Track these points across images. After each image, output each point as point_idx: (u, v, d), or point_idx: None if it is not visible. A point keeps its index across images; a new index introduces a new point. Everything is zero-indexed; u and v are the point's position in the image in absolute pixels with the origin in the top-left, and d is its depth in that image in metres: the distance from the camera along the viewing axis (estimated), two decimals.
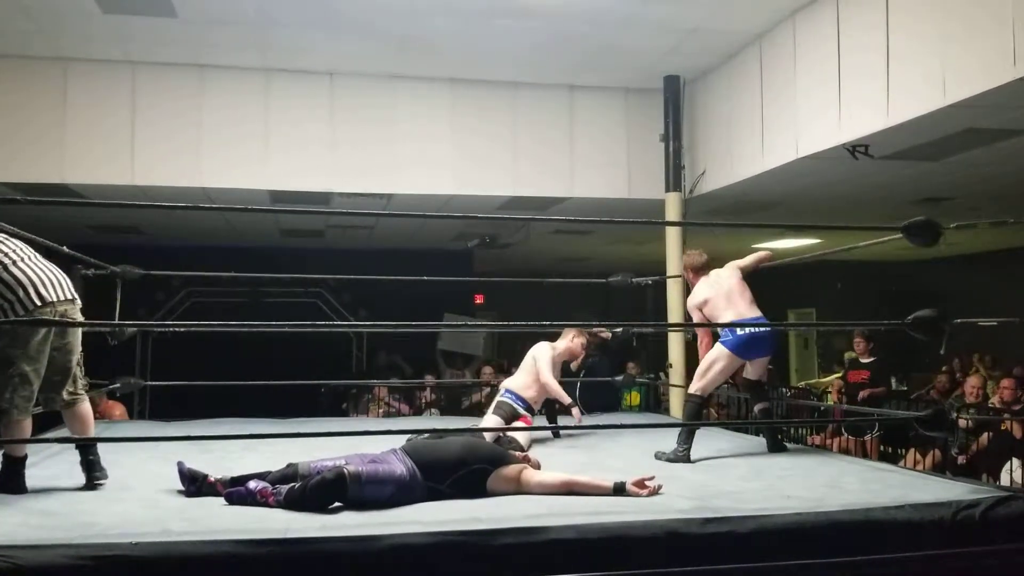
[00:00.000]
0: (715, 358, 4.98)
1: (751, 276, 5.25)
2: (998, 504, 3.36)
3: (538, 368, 5.59)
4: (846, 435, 8.06)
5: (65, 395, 3.78)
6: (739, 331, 4.87)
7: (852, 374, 8.43)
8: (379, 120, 7.71)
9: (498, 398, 5.58)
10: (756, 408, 5.28)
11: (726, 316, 4.95)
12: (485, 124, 7.93)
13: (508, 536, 2.95)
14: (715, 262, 5.36)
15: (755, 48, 6.98)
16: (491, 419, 5.38)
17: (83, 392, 3.86)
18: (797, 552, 3.10)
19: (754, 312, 4.99)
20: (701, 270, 5.26)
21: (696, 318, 5.15)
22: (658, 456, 4.78)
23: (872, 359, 8.31)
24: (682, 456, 4.71)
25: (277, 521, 3.08)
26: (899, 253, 12.88)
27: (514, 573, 2.93)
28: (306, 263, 11.02)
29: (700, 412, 5.14)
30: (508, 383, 5.67)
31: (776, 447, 5.08)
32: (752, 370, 5.20)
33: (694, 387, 5.04)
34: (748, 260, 5.27)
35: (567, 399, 5.51)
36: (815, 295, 15.01)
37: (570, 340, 5.86)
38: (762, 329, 4.93)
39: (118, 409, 7.31)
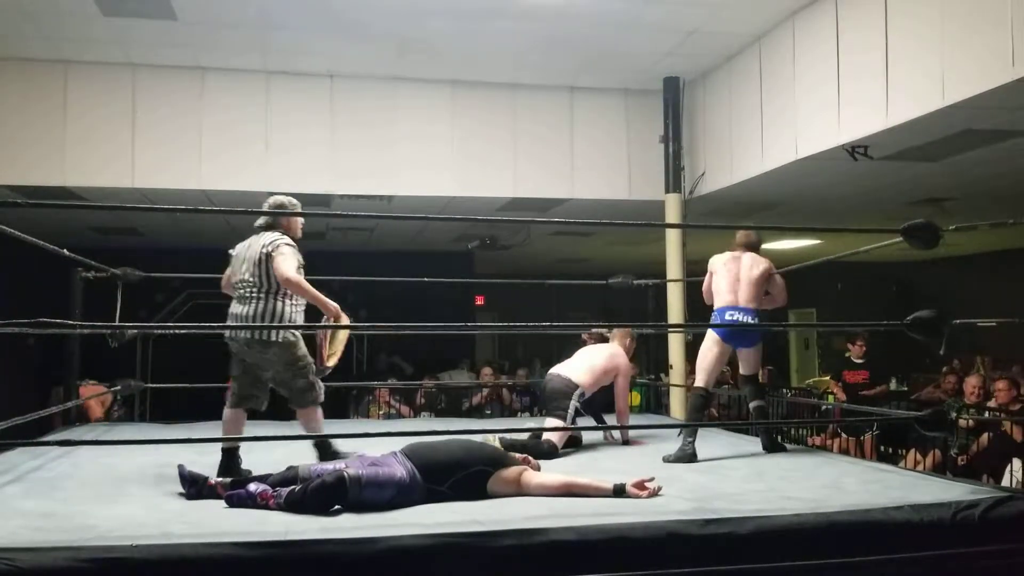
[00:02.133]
0: (708, 347, 5.09)
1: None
2: (997, 505, 3.36)
3: (618, 390, 5.49)
4: (844, 435, 8.08)
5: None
6: (726, 317, 4.97)
7: (850, 374, 8.41)
8: (379, 122, 7.72)
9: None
10: (751, 405, 5.28)
11: (719, 300, 5.08)
12: (485, 126, 7.94)
13: (508, 538, 2.95)
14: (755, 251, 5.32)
15: (754, 49, 6.98)
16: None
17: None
18: (797, 553, 3.10)
19: (750, 304, 5.00)
20: (739, 246, 5.26)
21: (705, 281, 5.26)
22: (666, 459, 4.72)
23: (863, 360, 8.34)
24: (688, 452, 4.70)
25: (277, 524, 3.09)
26: (899, 254, 12.87)
27: (514, 575, 2.93)
28: (307, 265, 11.03)
29: (703, 406, 5.16)
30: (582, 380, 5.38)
31: (773, 447, 5.08)
32: (743, 364, 5.27)
33: (697, 381, 5.10)
34: (777, 284, 5.22)
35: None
36: (815, 295, 15.01)
37: (628, 343, 5.72)
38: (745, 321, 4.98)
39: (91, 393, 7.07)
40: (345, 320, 4.37)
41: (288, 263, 4.16)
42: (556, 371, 5.39)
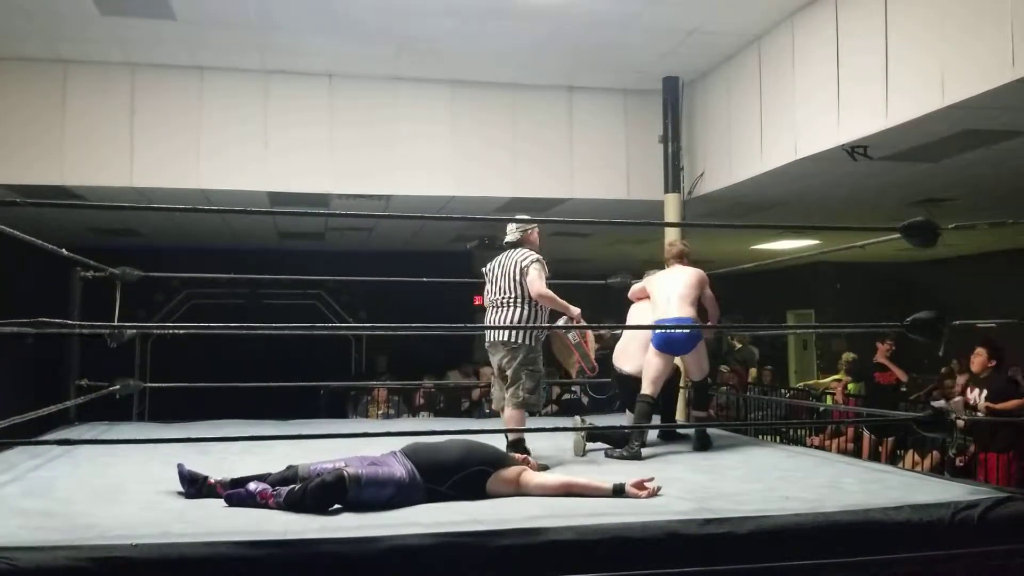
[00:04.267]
0: (650, 359, 5.29)
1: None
2: (996, 505, 3.37)
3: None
4: (845, 437, 8.07)
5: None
6: (659, 330, 5.22)
7: (880, 376, 8.36)
8: (378, 122, 7.71)
9: None
10: (692, 413, 5.44)
11: (656, 313, 5.35)
12: (484, 126, 7.93)
13: (508, 537, 2.95)
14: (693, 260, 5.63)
15: (754, 49, 6.98)
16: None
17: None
18: (796, 553, 3.10)
19: (682, 313, 5.20)
20: (672, 259, 5.58)
21: (636, 287, 5.69)
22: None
23: (891, 359, 8.32)
24: (634, 454, 4.84)
25: (276, 523, 3.09)
26: (898, 254, 12.88)
27: (513, 575, 2.93)
28: (305, 265, 11.06)
29: (650, 412, 5.29)
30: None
31: (704, 446, 5.21)
32: (688, 370, 5.51)
33: (644, 389, 5.26)
34: (711, 301, 5.41)
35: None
36: (814, 296, 15.02)
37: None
38: (676, 331, 5.19)
39: None
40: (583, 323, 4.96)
41: (540, 279, 4.82)
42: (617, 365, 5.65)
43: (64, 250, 4.89)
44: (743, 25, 6.69)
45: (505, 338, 4.83)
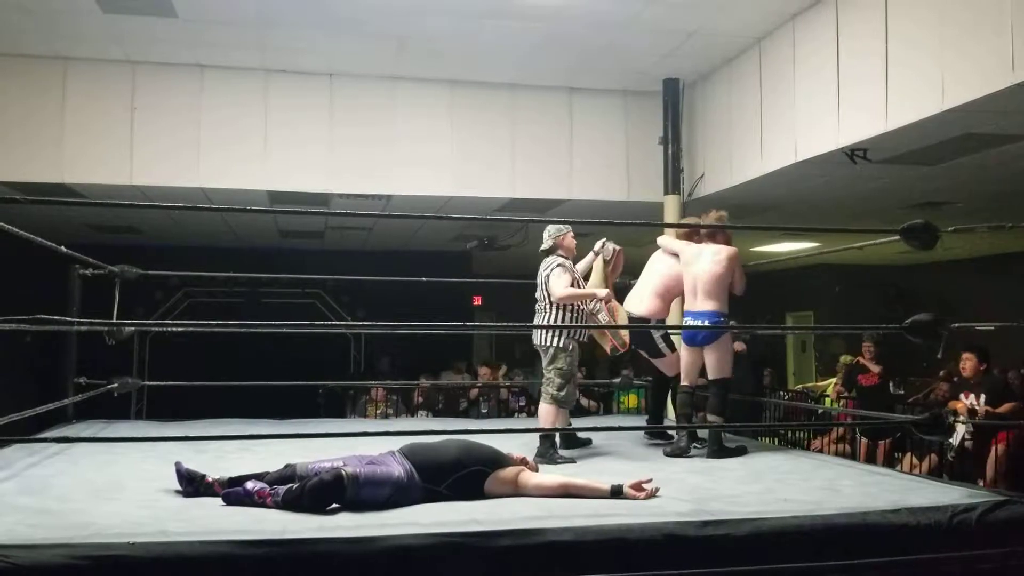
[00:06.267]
0: (680, 352, 5.47)
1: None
2: (994, 508, 3.37)
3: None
4: (837, 433, 8.03)
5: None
6: (686, 320, 5.32)
7: (864, 378, 8.33)
8: (378, 121, 7.71)
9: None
10: (708, 416, 5.28)
11: (685, 303, 5.40)
12: (484, 126, 7.93)
13: (506, 538, 2.95)
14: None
15: (754, 51, 6.99)
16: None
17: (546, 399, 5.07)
18: (794, 555, 3.10)
19: (706, 306, 5.20)
20: (705, 237, 5.50)
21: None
22: (665, 452, 5.08)
23: (874, 362, 8.28)
24: (683, 449, 5.04)
25: (274, 522, 3.08)
26: (897, 257, 12.89)
27: (511, 575, 2.93)
28: (305, 264, 11.04)
29: (687, 402, 5.35)
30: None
31: (719, 453, 4.98)
32: (708, 364, 5.27)
33: (682, 381, 5.40)
34: (739, 276, 5.39)
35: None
36: (813, 298, 15.02)
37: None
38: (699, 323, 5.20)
39: None
40: (616, 303, 5.21)
41: (559, 283, 5.00)
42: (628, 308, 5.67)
43: (63, 247, 4.88)
44: (744, 27, 6.69)
45: (539, 342, 5.13)
